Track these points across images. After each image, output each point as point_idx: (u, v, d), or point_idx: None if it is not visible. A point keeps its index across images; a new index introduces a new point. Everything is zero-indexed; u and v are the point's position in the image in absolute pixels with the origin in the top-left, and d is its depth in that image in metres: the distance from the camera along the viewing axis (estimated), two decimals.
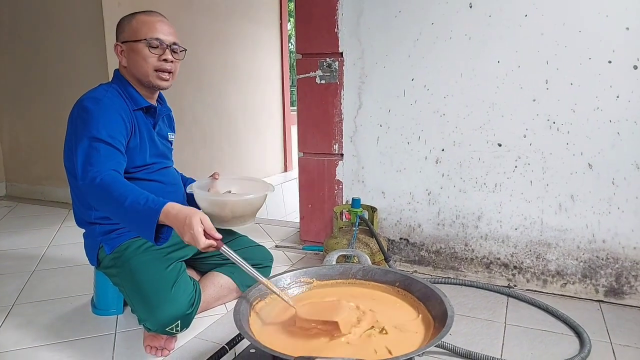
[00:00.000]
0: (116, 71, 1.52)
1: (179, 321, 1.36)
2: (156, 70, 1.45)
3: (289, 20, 5.27)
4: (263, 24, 4.48)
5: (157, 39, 1.43)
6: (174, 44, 1.47)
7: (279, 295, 1.15)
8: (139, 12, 1.48)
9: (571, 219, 1.72)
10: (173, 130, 1.71)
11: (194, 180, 1.76)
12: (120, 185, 1.24)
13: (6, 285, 1.88)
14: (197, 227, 1.13)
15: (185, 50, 1.52)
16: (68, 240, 2.43)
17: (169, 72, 1.48)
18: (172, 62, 1.47)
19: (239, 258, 1.14)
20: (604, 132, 1.64)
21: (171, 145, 1.68)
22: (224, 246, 1.15)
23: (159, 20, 1.46)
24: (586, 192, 1.69)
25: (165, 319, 1.34)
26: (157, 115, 1.56)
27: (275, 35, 4.69)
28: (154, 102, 1.56)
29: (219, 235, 1.16)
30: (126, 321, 1.57)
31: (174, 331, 1.36)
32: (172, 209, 1.18)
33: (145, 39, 1.42)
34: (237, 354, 1.31)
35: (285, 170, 4.99)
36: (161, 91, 1.57)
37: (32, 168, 3.41)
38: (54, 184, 3.29)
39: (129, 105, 1.45)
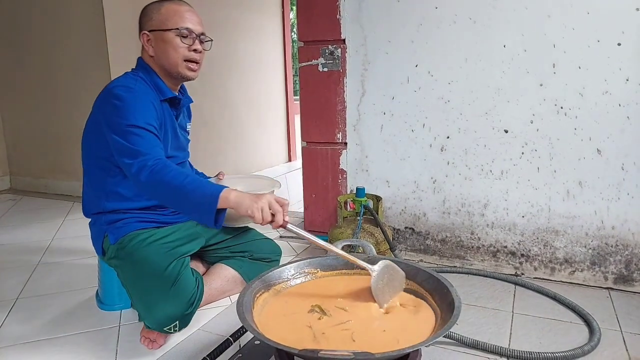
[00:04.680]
0: (140, 59, 1.49)
1: (177, 321, 1.35)
2: (185, 61, 1.43)
3: (292, 9, 5.21)
4: (265, 13, 4.43)
5: (187, 28, 1.41)
6: (202, 34, 1.45)
7: (354, 261, 1.15)
8: (165, 0, 1.45)
9: (579, 206, 1.69)
10: (190, 119, 1.70)
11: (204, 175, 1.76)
12: (177, 171, 1.24)
13: (10, 279, 1.87)
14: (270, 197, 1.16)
15: (212, 40, 1.50)
16: (72, 233, 2.43)
17: (197, 63, 1.46)
18: (200, 52, 1.45)
19: (304, 232, 1.14)
20: (613, 116, 1.60)
21: (188, 135, 1.66)
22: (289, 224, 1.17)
23: (188, 9, 1.44)
24: (595, 177, 1.66)
25: (162, 319, 1.33)
26: (180, 107, 1.54)
27: (278, 24, 4.64)
28: (177, 93, 1.54)
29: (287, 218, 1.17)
30: (130, 314, 1.56)
31: (172, 331, 1.36)
32: (233, 191, 1.19)
33: (176, 29, 1.40)
34: (241, 346, 1.30)
35: (289, 160, 4.96)
36: (189, 81, 1.54)
37: (36, 161, 3.41)
38: (57, 177, 3.29)
39: (157, 95, 1.43)
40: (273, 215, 1.15)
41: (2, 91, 3.44)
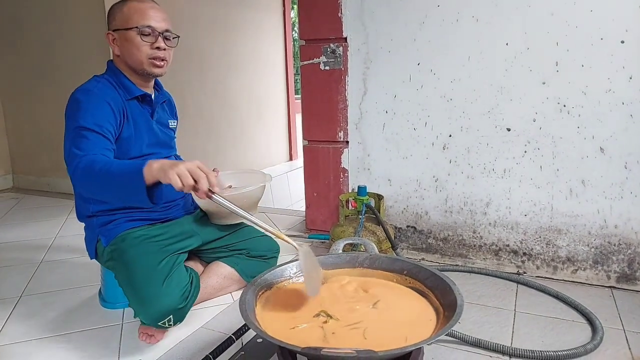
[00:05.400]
0: (109, 62, 1.50)
1: (171, 316, 1.34)
2: (150, 58, 1.42)
3: (293, 7, 5.21)
4: (265, 11, 4.43)
5: (149, 26, 1.40)
6: (167, 30, 1.44)
7: (279, 236, 1.14)
8: None
9: (582, 205, 1.69)
10: (174, 117, 1.69)
11: None
12: (104, 161, 1.21)
13: (13, 277, 1.88)
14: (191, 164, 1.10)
15: (178, 37, 1.49)
16: (75, 231, 2.43)
17: (163, 60, 1.45)
18: (164, 49, 1.44)
19: (231, 205, 1.11)
20: (616, 114, 1.60)
21: (174, 132, 1.66)
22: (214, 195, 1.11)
23: (150, 6, 1.43)
24: (598, 176, 1.65)
25: (156, 314, 1.33)
26: (153, 103, 1.54)
27: (279, 22, 4.64)
28: (149, 90, 1.53)
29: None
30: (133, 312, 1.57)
31: (167, 325, 1.35)
32: (158, 161, 1.14)
33: (137, 27, 1.39)
34: (244, 344, 1.30)
35: (291, 159, 4.97)
36: (157, 78, 1.54)
37: (38, 160, 3.41)
38: (59, 176, 3.30)
39: (121, 95, 1.43)
40: (196, 182, 1.09)
41: (4, 90, 3.45)
